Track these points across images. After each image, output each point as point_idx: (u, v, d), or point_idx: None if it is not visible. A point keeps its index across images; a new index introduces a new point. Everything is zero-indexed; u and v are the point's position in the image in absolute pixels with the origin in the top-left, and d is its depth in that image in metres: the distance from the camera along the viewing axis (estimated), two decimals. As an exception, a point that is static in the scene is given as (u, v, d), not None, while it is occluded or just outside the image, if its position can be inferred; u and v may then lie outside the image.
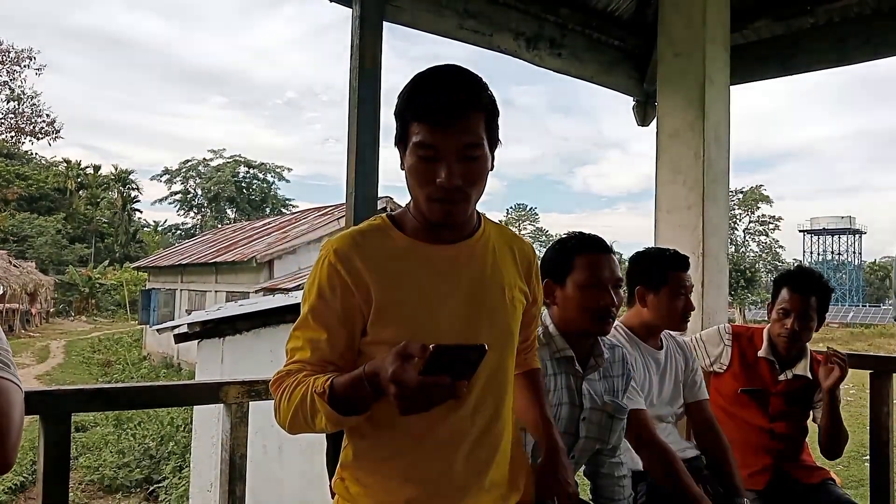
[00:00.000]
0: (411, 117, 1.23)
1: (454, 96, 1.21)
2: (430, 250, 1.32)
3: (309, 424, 1.22)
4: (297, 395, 1.21)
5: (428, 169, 1.23)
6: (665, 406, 2.36)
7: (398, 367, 1.04)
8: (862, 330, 30.85)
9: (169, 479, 9.50)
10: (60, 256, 43.08)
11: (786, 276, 2.57)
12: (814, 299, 2.49)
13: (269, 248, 16.61)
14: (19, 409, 1.13)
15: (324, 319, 1.28)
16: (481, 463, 1.34)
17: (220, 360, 7.78)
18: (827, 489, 2.50)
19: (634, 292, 2.36)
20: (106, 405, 1.88)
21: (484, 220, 1.42)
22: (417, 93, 1.24)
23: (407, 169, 1.27)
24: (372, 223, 1.36)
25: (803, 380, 2.55)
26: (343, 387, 1.16)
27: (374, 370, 1.11)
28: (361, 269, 1.27)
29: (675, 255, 2.38)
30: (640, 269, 2.39)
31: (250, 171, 55.28)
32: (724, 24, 3.43)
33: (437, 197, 1.24)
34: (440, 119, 1.20)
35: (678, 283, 2.31)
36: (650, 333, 2.38)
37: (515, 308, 1.40)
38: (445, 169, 1.21)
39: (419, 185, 1.25)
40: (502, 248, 1.42)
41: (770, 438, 2.54)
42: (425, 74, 1.26)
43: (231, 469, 2.02)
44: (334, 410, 1.16)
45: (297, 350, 1.29)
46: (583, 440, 1.89)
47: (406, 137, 1.25)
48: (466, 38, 3.23)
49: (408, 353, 1.05)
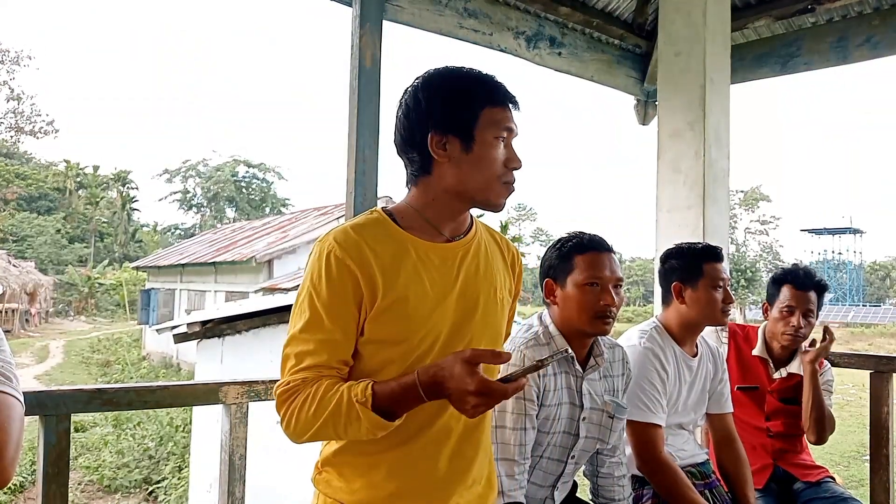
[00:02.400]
0: (488, 105, 1.27)
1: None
2: (428, 248, 1.31)
3: (340, 433, 1.20)
4: (329, 403, 1.17)
5: (505, 151, 1.29)
6: (689, 413, 2.30)
7: (481, 379, 1.10)
8: (862, 330, 30.88)
9: (168, 479, 9.50)
10: (60, 256, 43.08)
11: (785, 274, 2.56)
12: (814, 295, 2.50)
13: (268, 248, 16.61)
14: (19, 424, 1.12)
15: (338, 317, 1.23)
16: (466, 460, 1.35)
17: (220, 360, 7.78)
18: (827, 487, 2.50)
19: (671, 289, 2.26)
20: (105, 405, 1.87)
21: (474, 220, 1.43)
22: (484, 81, 1.30)
23: (478, 157, 1.27)
24: (369, 217, 1.33)
25: (797, 377, 2.55)
26: (390, 395, 1.16)
27: (436, 379, 1.13)
28: (371, 262, 1.24)
29: (707, 246, 2.30)
30: (673, 264, 2.30)
31: (250, 171, 55.30)
32: (724, 24, 3.42)
33: (508, 180, 1.30)
34: (514, 102, 1.31)
35: (715, 275, 2.22)
36: (688, 333, 2.27)
37: (504, 307, 1.42)
38: (515, 152, 1.31)
39: (497, 169, 1.29)
40: (493, 248, 1.44)
41: (767, 436, 2.55)
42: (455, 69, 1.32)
43: (230, 469, 2.02)
44: (380, 417, 1.16)
45: (306, 354, 1.23)
46: (583, 440, 1.89)
47: (472, 124, 1.27)
48: (466, 38, 3.23)
49: (478, 361, 1.11)
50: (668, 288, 2.28)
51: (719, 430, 2.36)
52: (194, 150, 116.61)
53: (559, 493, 1.95)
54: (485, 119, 1.27)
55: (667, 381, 2.16)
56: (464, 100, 1.27)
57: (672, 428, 2.24)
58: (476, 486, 1.38)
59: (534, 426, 1.79)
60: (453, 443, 1.32)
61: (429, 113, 1.27)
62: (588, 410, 1.88)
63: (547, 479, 1.90)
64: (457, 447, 1.33)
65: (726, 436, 2.34)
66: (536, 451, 1.84)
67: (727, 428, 2.35)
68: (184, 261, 21.47)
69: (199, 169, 55.12)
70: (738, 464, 2.28)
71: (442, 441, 1.31)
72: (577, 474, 2.03)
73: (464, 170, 1.27)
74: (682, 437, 2.30)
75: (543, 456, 1.86)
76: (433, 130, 1.27)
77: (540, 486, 1.90)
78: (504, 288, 1.42)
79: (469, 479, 1.36)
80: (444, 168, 1.28)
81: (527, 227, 67.15)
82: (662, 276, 2.34)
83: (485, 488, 1.42)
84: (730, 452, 2.31)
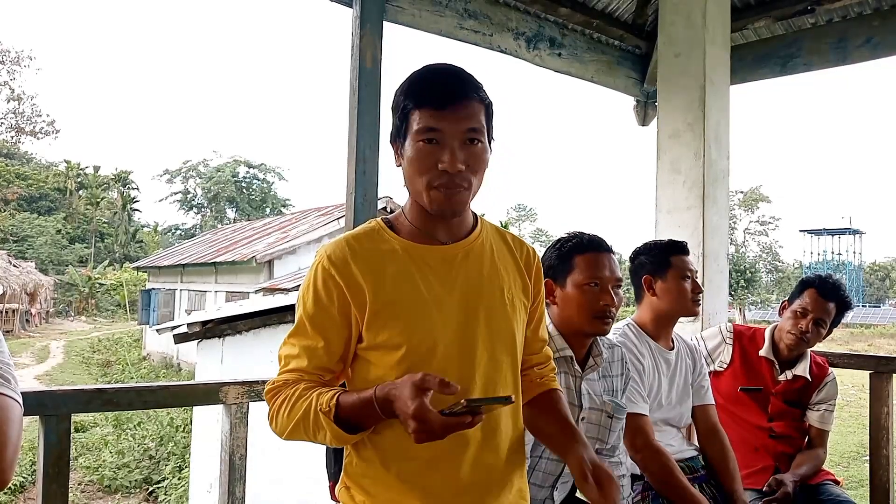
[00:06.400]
0: (413, 105, 1.22)
1: (456, 81, 1.23)
2: (424, 252, 1.30)
3: (310, 438, 1.22)
4: (299, 409, 1.20)
5: (431, 153, 1.21)
6: (674, 409, 2.33)
7: (420, 404, 1.05)
8: (862, 330, 30.86)
9: (168, 479, 9.51)
10: (60, 256, 43.09)
11: (814, 279, 2.57)
12: (832, 306, 2.50)
13: (269, 248, 16.59)
14: (17, 426, 1.12)
15: (320, 326, 1.26)
16: (488, 467, 1.30)
17: (220, 360, 7.79)
18: (827, 489, 2.50)
19: (642, 283, 2.33)
20: (105, 406, 1.87)
21: (481, 221, 1.40)
22: (419, 81, 1.24)
23: (407, 160, 1.25)
24: (366, 227, 1.35)
25: (802, 380, 2.56)
26: (351, 407, 1.16)
27: (388, 397, 1.12)
28: (356, 274, 1.26)
29: (673, 241, 2.38)
30: (642, 260, 2.37)
31: (250, 171, 55.32)
32: (724, 24, 3.42)
33: (438, 183, 1.22)
34: (444, 102, 1.20)
35: (683, 266, 2.29)
36: (662, 326, 2.33)
37: (516, 308, 1.37)
38: (449, 154, 1.20)
39: (420, 172, 1.23)
40: (501, 249, 1.40)
41: (769, 437, 2.55)
42: (424, 67, 1.26)
43: (231, 470, 2.02)
44: (340, 429, 1.16)
45: (292, 357, 1.28)
46: (582, 440, 1.89)
47: (405, 128, 1.24)
48: (466, 38, 3.23)
49: (426, 387, 1.06)
50: (640, 283, 2.35)
51: (703, 422, 2.39)
52: (195, 151, 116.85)
53: (559, 494, 1.95)
54: (412, 121, 1.22)
55: (643, 373, 2.20)
56: (398, 103, 1.26)
57: (658, 424, 2.25)
58: (504, 495, 1.33)
59: (533, 426, 1.79)
60: (473, 450, 1.28)
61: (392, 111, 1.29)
62: (587, 410, 1.88)
63: (546, 479, 1.90)
64: (477, 454, 1.29)
65: (710, 427, 2.37)
66: (536, 452, 1.84)
67: (710, 419, 2.38)
68: (184, 261, 21.47)
69: (199, 169, 55.13)
70: (724, 456, 2.31)
71: (461, 449, 1.27)
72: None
73: (405, 176, 1.29)
74: (668, 433, 2.31)
75: (543, 456, 1.86)
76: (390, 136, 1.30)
77: (539, 486, 1.90)
78: (515, 288, 1.37)
79: (494, 487, 1.31)
80: (404, 174, 1.29)
81: (526, 227, 67.20)
82: (633, 273, 2.39)
83: (516, 497, 1.36)
84: (714, 444, 2.34)
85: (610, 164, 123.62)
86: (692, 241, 3.24)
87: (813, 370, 2.57)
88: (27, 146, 49.35)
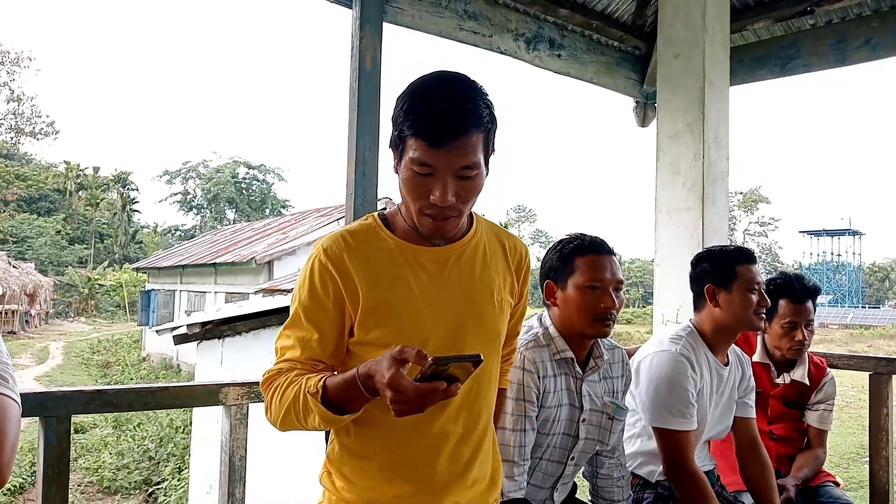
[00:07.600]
0: (410, 132, 1.18)
1: (455, 115, 1.16)
2: (418, 252, 1.32)
3: (301, 423, 1.22)
4: (290, 394, 1.21)
5: (423, 184, 1.21)
6: (716, 426, 2.25)
7: (395, 372, 1.04)
8: (861, 331, 30.83)
9: (168, 480, 9.50)
10: (60, 257, 43.07)
11: (780, 288, 2.49)
12: (810, 304, 2.49)
13: (268, 249, 16.60)
14: (15, 426, 1.12)
15: (314, 318, 1.28)
16: (464, 460, 1.35)
17: (220, 361, 7.79)
18: (827, 491, 2.50)
19: (704, 292, 2.20)
20: (105, 407, 1.87)
21: (477, 221, 1.41)
22: (417, 106, 1.19)
23: (401, 180, 1.25)
24: (363, 223, 1.36)
25: (800, 384, 2.55)
26: (336, 387, 1.17)
27: (369, 372, 1.11)
28: (351, 269, 1.28)
29: (739, 248, 2.24)
30: (705, 267, 2.23)
31: (250, 172, 55.35)
32: (723, 25, 3.43)
33: (429, 212, 1.23)
34: (440, 140, 1.16)
35: (750, 277, 2.14)
36: (722, 339, 2.21)
37: (503, 310, 1.40)
38: (440, 188, 1.19)
39: (412, 198, 1.24)
40: (494, 248, 1.42)
41: (770, 440, 2.54)
42: (426, 85, 1.21)
43: (230, 471, 2.02)
44: (328, 410, 1.16)
45: (287, 348, 1.30)
46: (582, 441, 1.89)
47: (402, 148, 1.22)
48: (466, 39, 3.23)
49: (403, 358, 1.05)
50: (701, 291, 2.22)
51: (744, 437, 2.29)
52: (194, 152, 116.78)
53: (559, 495, 1.95)
54: (408, 146, 1.20)
55: (697, 387, 2.10)
56: (396, 118, 1.22)
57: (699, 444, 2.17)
58: (478, 485, 1.39)
59: (533, 427, 1.79)
60: (451, 446, 1.33)
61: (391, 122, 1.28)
62: (588, 412, 1.88)
63: (546, 480, 1.90)
64: (455, 449, 1.34)
65: (751, 441, 2.28)
66: (536, 453, 1.84)
67: (752, 432, 2.29)
68: (184, 262, 21.47)
69: (199, 170, 55.17)
70: (763, 470, 2.23)
71: (440, 442, 1.32)
72: (576, 475, 2.03)
73: (400, 190, 1.28)
74: (702, 447, 2.25)
75: (543, 457, 1.87)
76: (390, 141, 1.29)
77: (540, 487, 1.90)
78: (503, 290, 1.40)
79: (469, 479, 1.36)
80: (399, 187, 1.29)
81: (526, 228, 67.22)
82: (694, 280, 2.27)
83: (488, 485, 1.42)
84: (754, 459, 2.25)
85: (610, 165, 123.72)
86: (691, 242, 3.25)
87: (812, 372, 2.57)
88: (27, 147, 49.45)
